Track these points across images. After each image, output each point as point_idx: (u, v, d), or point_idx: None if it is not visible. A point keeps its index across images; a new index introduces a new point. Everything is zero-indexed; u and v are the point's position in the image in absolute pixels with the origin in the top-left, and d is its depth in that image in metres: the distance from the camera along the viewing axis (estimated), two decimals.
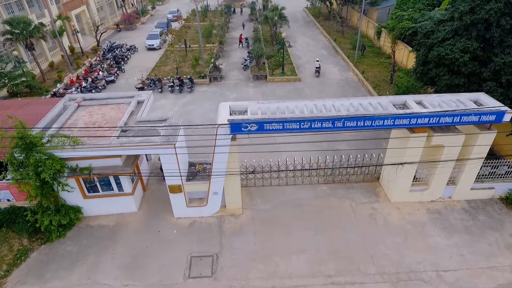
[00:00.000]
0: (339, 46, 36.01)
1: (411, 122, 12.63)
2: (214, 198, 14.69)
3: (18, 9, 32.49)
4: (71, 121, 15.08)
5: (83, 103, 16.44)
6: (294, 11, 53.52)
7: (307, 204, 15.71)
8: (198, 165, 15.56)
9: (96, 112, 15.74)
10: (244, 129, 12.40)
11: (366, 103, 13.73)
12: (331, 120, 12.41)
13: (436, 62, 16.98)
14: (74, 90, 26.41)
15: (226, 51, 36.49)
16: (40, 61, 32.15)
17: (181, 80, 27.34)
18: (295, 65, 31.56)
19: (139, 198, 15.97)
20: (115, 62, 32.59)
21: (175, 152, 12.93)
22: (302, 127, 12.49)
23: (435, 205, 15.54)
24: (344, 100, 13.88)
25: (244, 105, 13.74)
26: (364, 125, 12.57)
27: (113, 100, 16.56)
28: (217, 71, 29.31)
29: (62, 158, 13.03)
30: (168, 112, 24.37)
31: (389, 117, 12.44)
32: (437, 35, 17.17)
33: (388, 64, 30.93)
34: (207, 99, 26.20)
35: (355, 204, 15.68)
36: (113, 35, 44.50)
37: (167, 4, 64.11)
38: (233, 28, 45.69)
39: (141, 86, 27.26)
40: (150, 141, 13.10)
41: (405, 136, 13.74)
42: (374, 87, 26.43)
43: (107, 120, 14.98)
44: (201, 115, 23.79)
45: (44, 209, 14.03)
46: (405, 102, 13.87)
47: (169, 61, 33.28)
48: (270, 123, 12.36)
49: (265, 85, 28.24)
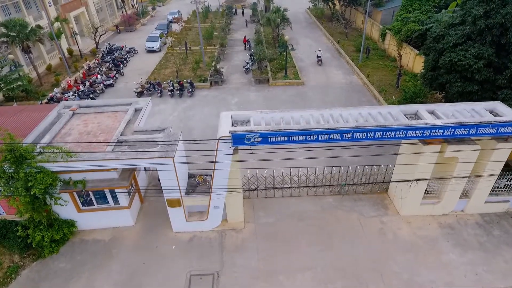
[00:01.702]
0: (343, 49, 35.25)
1: (425, 134, 11.88)
2: (215, 212, 13.98)
3: (15, 10, 31.85)
4: (65, 130, 14.39)
5: (78, 111, 15.74)
6: (296, 12, 52.77)
7: (312, 217, 14.97)
8: (198, 177, 14.84)
9: (92, 121, 15.04)
10: (247, 141, 11.67)
11: (375, 112, 13.00)
12: (339, 132, 11.67)
13: (447, 68, 16.24)
14: (71, 94, 25.73)
15: (228, 54, 35.78)
16: (37, 64, 31.53)
17: (181, 84, 26.63)
18: (298, 68, 30.81)
19: (136, 211, 15.26)
20: (114, 65, 31.89)
21: (174, 165, 12.21)
22: (309, 139, 11.75)
23: (447, 219, 14.79)
24: (352, 109, 13.15)
25: (246, 115, 13.01)
26: (375, 137, 11.82)
27: (110, 108, 15.86)
28: (218, 74, 28.59)
29: (54, 171, 12.32)
30: (167, 117, 23.66)
31: (401, 129, 11.69)
32: (448, 39, 16.42)
33: (394, 67, 30.16)
34: (208, 104, 25.48)
35: (363, 217, 14.93)
36: (113, 36, 43.82)
37: (167, 4, 63.45)
38: (235, 30, 44.98)
39: (140, 90, 26.56)
40: (147, 153, 12.39)
41: (417, 148, 13.00)
42: (380, 91, 25.67)
43: (103, 130, 14.28)
44: (201, 121, 23.08)
45: (36, 223, 13.33)
46: (416, 112, 13.12)
47: (169, 64, 32.57)
48: (275, 135, 11.63)
49: (267, 89, 27.50)
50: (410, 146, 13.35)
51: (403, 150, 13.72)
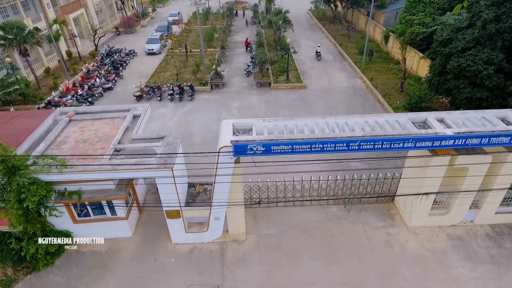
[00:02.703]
0: (345, 51, 34.75)
1: (435, 144, 11.38)
2: (215, 223, 13.48)
3: (14, 12, 31.43)
4: (61, 138, 13.91)
5: (74, 117, 15.27)
6: (297, 13, 52.25)
7: (316, 228, 14.47)
8: (198, 186, 14.36)
9: (89, 128, 14.57)
10: (249, 151, 11.18)
11: (382, 121, 12.50)
12: (346, 142, 11.17)
13: (455, 74, 15.74)
14: (69, 98, 25.27)
15: (228, 56, 35.30)
16: (36, 66, 31.12)
17: (181, 87, 26.16)
18: (300, 71, 30.32)
19: (134, 221, 14.77)
20: (113, 68, 31.42)
21: (173, 176, 11.72)
22: (314, 149, 11.25)
23: (456, 230, 14.28)
24: (358, 117, 12.66)
25: (248, 123, 12.53)
26: (382, 147, 11.33)
27: (107, 114, 15.38)
28: (218, 78, 28.11)
29: (49, 182, 11.85)
30: (167, 122, 23.18)
31: (410, 139, 11.19)
32: (456, 44, 15.92)
33: (397, 70, 29.68)
34: (209, 108, 25.00)
35: (369, 228, 14.43)
36: (112, 38, 43.39)
37: (168, 6, 63.03)
38: (236, 32, 44.51)
39: (140, 94, 26.09)
40: (145, 163, 11.90)
41: (425, 158, 12.49)
42: (384, 95, 25.17)
43: (100, 138, 13.80)
44: (202, 125, 22.59)
45: (30, 235, 12.85)
46: (425, 120, 12.62)
47: (169, 67, 32.10)
48: (278, 145, 11.14)
49: (269, 93, 27.01)
50: (418, 155, 12.84)
51: (411, 160, 13.22)
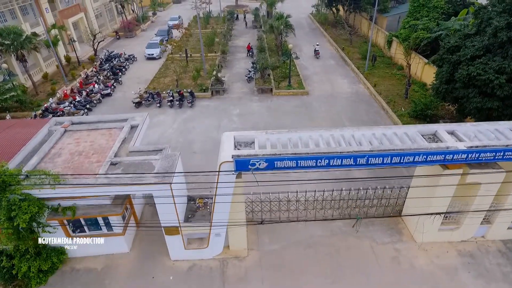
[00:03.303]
0: (348, 56, 34.26)
1: (446, 159, 10.82)
2: (216, 239, 12.92)
3: (12, 17, 30.97)
4: (56, 150, 13.38)
5: (70, 128, 14.75)
6: (298, 17, 51.89)
7: (321, 243, 13.89)
8: (198, 200, 13.80)
9: (84, 139, 14.04)
10: (251, 166, 10.62)
11: (390, 133, 11.98)
12: (353, 157, 10.62)
13: (464, 82, 15.20)
14: (67, 105, 24.77)
15: (229, 61, 34.82)
16: (34, 72, 30.66)
17: (181, 94, 25.65)
18: (302, 77, 29.82)
19: (132, 236, 14.21)
20: (112, 73, 30.93)
21: (171, 192, 11.16)
22: (319, 164, 10.70)
23: (466, 246, 13.70)
24: (366, 129, 12.13)
25: (250, 136, 11.98)
26: (391, 162, 10.77)
27: (104, 125, 14.86)
28: (219, 84, 27.61)
29: (41, 198, 11.30)
30: (167, 129, 22.64)
31: (420, 153, 10.64)
32: (465, 52, 15.39)
33: (401, 76, 29.18)
34: (209, 115, 24.47)
35: (376, 244, 13.85)
36: (112, 43, 42.96)
37: (168, 9, 62.71)
38: (236, 36, 44.09)
39: (139, 100, 25.59)
40: (143, 178, 11.35)
41: (435, 172, 11.94)
42: (388, 102, 24.64)
43: (96, 150, 13.26)
44: (202, 133, 22.06)
45: (22, 252, 12.30)
46: (435, 132, 12.09)
47: (169, 72, 31.61)
48: (282, 160, 10.58)
49: (270, 99, 26.49)
50: (427, 169, 12.28)
51: (420, 173, 12.67)
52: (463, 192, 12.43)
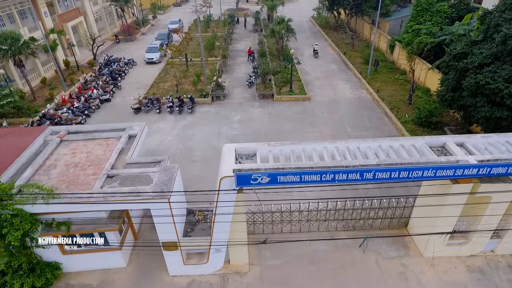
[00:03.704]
0: (350, 60, 33.85)
1: (457, 174, 10.37)
2: (216, 254, 12.46)
3: (10, 21, 30.62)
4: (51, 161, 12.94)
5: (66, 138, 14.31)
6: (299, 20, 51.56)
7: (325, 259, 13.42)
8: (197, 213, 13.36)
9: (81, 150, 13.61)
10: (253, 181, 10.19)
11: (397, 145, 11.54)
12: (359, 172, 10.18)
13: (472, 91, 14.77)
14: (65, 111, 24.35)
15: (230, 65, 34.41)
16: (32, 76, 30.29)
17: (181, 99, 25.24)
18: (303, 82, 29.40)
19: (129, 250, 13.74)
20: (111, 78, 30.52)
21: (170, 207, 10.72)
22: (324, 179, 10.26)
23: (475, 261, 13.23)
24: (371, 141, 11.68)
25: (252, 148, 11.55)
26: (399, 177, 10.33)
27: (101, 134, 14.43)
28: (220, 89, 27.20)
29: (34, 213, 10.87)
30: (166, 136, 22.20)
31: (429, 168, 10.19)
32: (473, 59, 14.96)
33: (404, 81, 28.77)
34: (209, 121, 24.04)
35: (381, 258, 13.38)
36: (112, 47, 42.60)
37: (169, 13, 62.39)
38: (237, 40, 43.72)
39: (138, 106, 25.17)
40: (140, 193, 10.90)
41: (444, 186, 11.48)
42: (391, 108, 24.22)
43: (92, 161, 12.83)
44: (202, 141, 21.63)
45: (15, 268, 11.85)
46: (444, 145, 11.65)
47: (169, 77, 31.21)
48: (285, 175, 10.14)
49: (271, 105, 26.07)
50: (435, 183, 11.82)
51: (427, 188, 12.22)
52: (473, 206, 11.97)
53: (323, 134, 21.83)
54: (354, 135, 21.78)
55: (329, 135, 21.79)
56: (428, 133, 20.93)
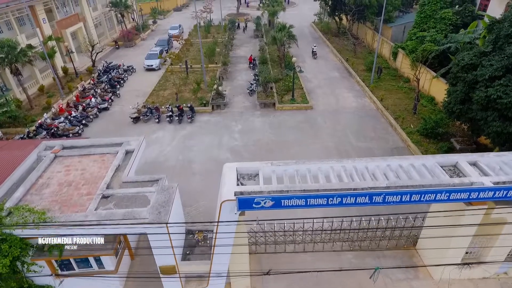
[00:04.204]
0: (352, 67, 33.36)
1: (471, 197, 9.80)
2: (217, 278, 11.85)
3: (8, 28, 30.17)
4: (44, 180, 12.37)
5: (61, 153, 13.76)
6: (300, 25, 51.15)
7: (331, 281, 12.84)
8: (197, 233, 12.77)
9: (75, 167, 13.04)
10: (256, 205, 9.63)
11: (407, 165, 10.97)
12: (368, 195, 9.60)
13: (482, 105, 14.22)
14: (62, 120, 23.83)
15: (230, 72, 33.92)
16: (30, 84, 29.83)
17: (180, 109, 24.72)
18: (305, 90, 28.89)
19: (125, 270, 13.14)
20: (110, 86, 30.04)
21: (168, 232, 10.15)
22: (331, 203, 9.69)
23: (488, 284, 12.62)
24: (380, 160, 11.11)
25: (254, 168, 10.98)
26: (411, 200, 9.75)
27: (97, 150, 13.87)
28: (220, 98, 26.68)
29: (25, 237, 10.30)
30: (165, 147, 21.64)
31: (443, 191, 9.62)
32: (483, 71, 14.43)
33: (408, 89, 28.26)
34: (209, 131, 23.49)
35: (390, 281, 12.78)
36: (111, 53, 42.16)
37: (169, 18, 62.04)
38: (238, 45, 43.27)
39: (137, 115, 24.64)
40: (136, 215, 10.33)
41: (456, 208, 10.90)
42: (396, 118, 23.66)
43: (87, 180, 12.26)
44: (202, 152, 21.07)
45: None
46: (456, 164, 11.08)
47: (168, 84, 30.71)
48: (290, 199, 9.58)
49: (273, 114, 25.53)
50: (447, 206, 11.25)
51: (438, 207, 11.63)
52: (487, 227, 11.38)
53: (326, 146, 21.28)
54: (358, 146, 21.23)
55: (332, 146, 21.23)
56: (434, 144, 20.38)
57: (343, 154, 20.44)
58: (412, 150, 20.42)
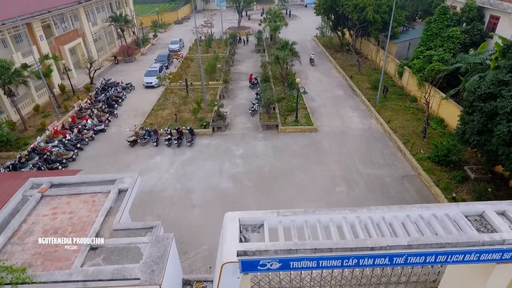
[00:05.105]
0: (357, 85, 32.46)
1: (504, 257, 8.69)
2: None
3: (3, 46, 29.41)
4: (27, 225, 11.25)
5: (48, 192, 12.70)
6: (302, 39, 50.56)
7: None
8: (195, 284, 11.63)
9: (63, 209, 11.93)
10: (261, 267, 8.53)
11: (428, 215, 9.86)
12: (388, 256, 8.51)
13: (505, 140, 13.19)
14: (56, 144, 22.87)
15: (232, 90, 33.03)
16: (25, 102, 29.03)
17: (180, 131, 23.75)
18: (309, 110, 27.95)
19: None
20: (107, 105, 29.12)
21: None
22: (346, 264, 8.59)
23: None
24: (398, 210, 10.00)
25: (259, 218, 9.87)
26: (436, 260, 8.66)
27: (88, 188, 12.75)
28: (221, 120, 25.73)
29: None
30: (163, 175, 20.59)
31: (472, 252, 8.52)
32: (504, 104, 13.45)
33: (416, 109, 27.32)
34: (210, 156, 22.46)
35: None
36: (110, 68, 41.45)
37: (169, 31, 61.57)
38: (239, 61, 42.53)
39: (134, 139, 23.65)
40: (127, 273, 9.22)
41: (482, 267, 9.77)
42: (405, 142, 22.62)
43: (75, 226, 11.16)
44: (202, 180, 20.00)
45: None
46: (482, 213, 9.96)
47: (168, 104, 29.81)
48: (299, 261, 8.49)
49: (276, 137, 24.52)
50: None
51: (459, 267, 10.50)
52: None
53: (333, 174, 20.22)
54: (366, 173, 20.16)
55: (339, 174, 20.17)
56: (447, 172, 19.30)
57: (351, 183, 19.37)
58: (424, 178, 19.35)
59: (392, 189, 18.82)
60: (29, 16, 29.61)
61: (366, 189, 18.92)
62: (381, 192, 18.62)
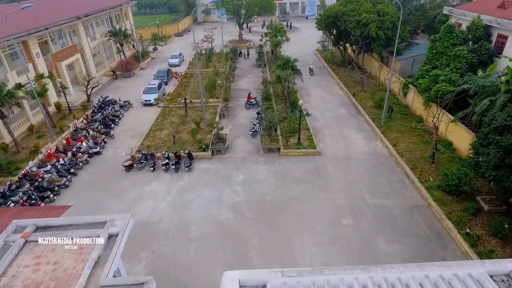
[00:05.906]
0: (360, 104, 31.58)
1: None
2: None
3: None
4: (7, 279, 10.26)
5: (32, 237, 11.70)
6: (303, 53, 50.03)
7: None
8: None
9: (47, 259, 10.93)
10: None
11: (449, 275, 8.87)
12: None
13: None
14: (49, 168, 21.94)
15: (232, 108, 32.14)
16: (19, 122, 28.20)
17: (178, 155, 22.82)
18: (312, 131, 27.02)
19: None
20: (104, 125, 28.25)
21: None
22: None
23: None
24: (415, 269, 9.01)
25: (261, 279, 8.87)
26: None
27: (75, 232, 11.80)
28: (221, 142, 24.81)
29: None
30: (159, 204, 19.60)
31: None
32: None
33: (422, 131, 26.38)
34: (209, 182, 21.47)
35: None
36: (109, 83, 40.72)
37: (170, 44, 61.06)
38: (240, 76, 41.76)
39: (130, 163, 22.70)
40: None
41: None
42: (412, 168, 21.63)
43: (58, 280, 10.14)
44: (200, 210, 19.01)
45: None
46: (509, 273, 8.98)
47: (166, 123, 28.94)
48: None
49: (278, 161, 23.55)
50: None
51: None
52: None
53: (338, 203, 19.21)
54: (373, 203, 19.15)
55: (345, 204, 19.17)
56: (459, 203, 18.28)
57: (357, 214, 18.36)
58: (434, 210, 18.34)
59: (401, 222, 17.79)
60: (25, 34, 28.94)
61: (373, 221, 17.89)
62: (390, 225, 17.59)
